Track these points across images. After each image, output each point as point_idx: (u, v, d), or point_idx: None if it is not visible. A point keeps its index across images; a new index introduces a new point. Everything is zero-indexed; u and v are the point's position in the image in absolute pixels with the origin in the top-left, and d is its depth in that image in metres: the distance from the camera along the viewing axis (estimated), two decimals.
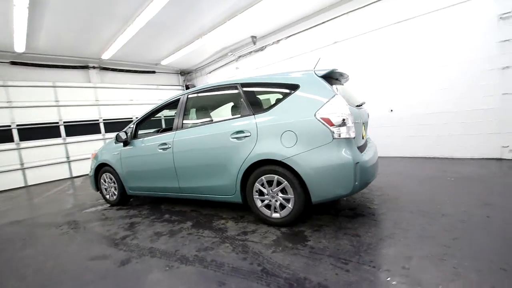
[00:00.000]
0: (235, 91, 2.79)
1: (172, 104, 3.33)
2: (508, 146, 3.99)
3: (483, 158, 4.22)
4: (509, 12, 3.71)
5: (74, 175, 7.45)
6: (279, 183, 2.38)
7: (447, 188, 3.10)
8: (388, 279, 1.58)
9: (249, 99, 2.62)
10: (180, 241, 2.42)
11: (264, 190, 2.47)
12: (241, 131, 2.54)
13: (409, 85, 4.90)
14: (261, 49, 7.43)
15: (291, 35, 6.62)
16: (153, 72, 9.31)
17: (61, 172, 7.27)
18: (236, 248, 2.15)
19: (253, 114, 2.53)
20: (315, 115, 2.20)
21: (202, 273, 1.85)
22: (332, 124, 2.15)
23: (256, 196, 2.54)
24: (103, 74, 8.16)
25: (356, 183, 2.17)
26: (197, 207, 3.35)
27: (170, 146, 3.04)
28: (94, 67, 7.87)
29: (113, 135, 8.57)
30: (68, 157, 7.36)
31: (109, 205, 3.98)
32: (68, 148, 7.39)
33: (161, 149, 3.13)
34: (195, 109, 3.58)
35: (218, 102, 3.61)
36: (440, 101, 4.55)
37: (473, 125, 4.27)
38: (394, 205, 2.75)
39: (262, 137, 2.42)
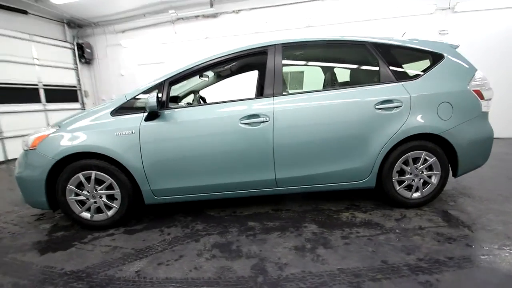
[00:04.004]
0: (364, 51, 2.25)
1: (242, 58, 2.26)
2: None
3: None
4: (445, 30, 5.13)
5: None
6: (425, 160, 2.19)
7: None
8: None
9: (390, 64, 2.19)
10: (355, 249, 1.72)
11: (407, 169, 2.20)
12: (390, 101, 2.09)
13: None
14: (214, 15, 6.30)
15: (256, 8, 6.02)
16: (25, 12, 5.74)
17: None
18: (438, 239, 1.80)
19: (400, 81, 2.15)
20: (468, 87, 2.17)
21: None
22: (482, 97, 2.20)
23: (395, 177, 2.21)
24: None
25: None
26: (270, 205, 2.49)
27: (267, 119, 2.04)
28: None
29: None
30: None
31: (77, 227, 2.18)
32: None
33: (245, 123, 2.04)
34: (295, 69, 2.57)
35: (332, 62, 2.74)
36: None
37: None
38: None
39: (416, 109, 2.10)
